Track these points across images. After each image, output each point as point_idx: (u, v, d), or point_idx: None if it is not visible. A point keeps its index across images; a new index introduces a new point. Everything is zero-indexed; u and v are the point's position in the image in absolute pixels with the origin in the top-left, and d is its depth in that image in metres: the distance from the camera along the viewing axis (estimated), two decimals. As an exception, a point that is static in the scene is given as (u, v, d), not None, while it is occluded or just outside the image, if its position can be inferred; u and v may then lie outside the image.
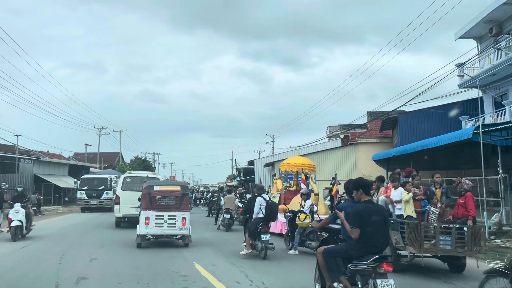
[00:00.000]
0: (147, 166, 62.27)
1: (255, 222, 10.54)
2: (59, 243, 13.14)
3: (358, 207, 5.32)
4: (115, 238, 14.37)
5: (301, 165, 16.82)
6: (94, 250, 11.60)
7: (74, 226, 19.12)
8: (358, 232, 5.12)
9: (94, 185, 30.21)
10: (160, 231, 11.95)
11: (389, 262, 5.08)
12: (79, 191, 30.47)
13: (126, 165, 56.41)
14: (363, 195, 5.39)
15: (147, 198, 12.08)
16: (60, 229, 17.41)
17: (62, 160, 46.18)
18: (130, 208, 16.67)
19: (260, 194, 11.00)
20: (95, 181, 30.93)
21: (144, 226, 11.81)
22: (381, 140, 30.25)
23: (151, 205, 12.00)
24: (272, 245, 10.32)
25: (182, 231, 11.98)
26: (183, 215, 11.98)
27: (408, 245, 8.14)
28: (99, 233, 16.26)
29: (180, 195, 12.20)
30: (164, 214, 11.91)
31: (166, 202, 12.11)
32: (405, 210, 8.80)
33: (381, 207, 6.07)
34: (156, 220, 11.86)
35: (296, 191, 17.45)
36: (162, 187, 12.53)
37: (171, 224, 11.91)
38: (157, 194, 12.10)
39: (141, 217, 12.02)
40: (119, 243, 12.90)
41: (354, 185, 5.59)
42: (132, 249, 11.69)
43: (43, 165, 39.65)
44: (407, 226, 8.14)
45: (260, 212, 10.63)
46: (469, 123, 21.48)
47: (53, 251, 11.47)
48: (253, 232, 10.44)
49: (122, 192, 17.40)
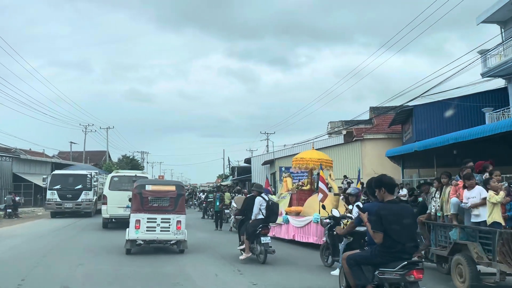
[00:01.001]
0: (135, 165, 59.95)
1: (254, 223, 9.84)
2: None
3: (380, 207, 4.80)
4: (101, 243, 13.24)
5: (318, 160, 14.30)
6: (78, 256, 10.58)
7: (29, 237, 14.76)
8: (381, 236, 4.66)
9: (69, 184, 23.88)
10: (152, 236, 10.82)
11: (419, 269, 4.62)
12: (49, 191, 23.62)
13: (114, 164, 53.94)
14: (386, 194, 4.87)
15: (138, 199, 10.92)
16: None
17: (44, 158, 43.49)
18: (118, 208, 16.46)
19: (260, 193, 10.23)
20: (71, 178, 24.46)
21: (134, 230, 10.68)
22: (389, 136, 28.32)
23: (142, 206, 10.86)
24: (272, 249, 9.59)
25: (177, 236, 10.87)
26: (178, 218, 10.89)
27: (497, 261, 6.28)
28: (83, 237, 14.99)
29: (175, 195, 11.07)
30: (157, 217, 10.80)
31: (159, 203, 11.00)
32: (491, 215, 6.63)
33: (407, 207, 5.30)
34: (147, 223, 10.74)
35: (311, 190, 15.22)
36: (155, 186, 11.31)
37: (165, 228, 10.80)
38: (149, 195, 10.96)
39: (131, 220, 10.85)
40: (105, 249, 11.77)
41: (376, 183, 5.02)
42: (120, 256, 10.61)
43: (23, 164, 37.39)
44: (498, 236, 6.14)
45: (260, 213, 9.92)
46: (494, 116, 19.43)
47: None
48: (252, 235, 9.76)
49: (109, 192, 17.08)
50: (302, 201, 14.59)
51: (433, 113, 21.71)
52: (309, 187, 15.29)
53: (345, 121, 37.20)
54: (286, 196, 15.22)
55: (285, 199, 15.16)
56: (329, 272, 8.41)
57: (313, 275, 8.57)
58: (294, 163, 15.02)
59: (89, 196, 23.88)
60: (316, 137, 35.53)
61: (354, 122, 34.13)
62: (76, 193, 23.61)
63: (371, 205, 5.24)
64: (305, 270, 9.10)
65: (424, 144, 17.20)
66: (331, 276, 7.94)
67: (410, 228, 4.82)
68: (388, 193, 4.87)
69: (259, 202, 10.00)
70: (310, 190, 15.15)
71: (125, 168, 52.85)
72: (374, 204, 5.12)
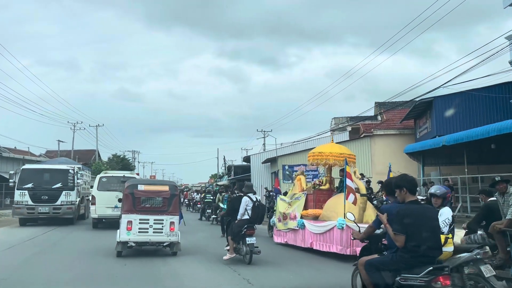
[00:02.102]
0: (126, 165, 58.27)
1: (239, 224, 9.79)
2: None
3: (401, 208, 4.57)
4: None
5: (339, 155, 12.20)
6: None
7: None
8: (403, 239, 4.39)
9: (45, 182, 18.69)
10: (145, 238, 10.49)
11: (446, 275, 4.31)
12: (18, 191, 18.30)
13: (103, 164, 52.12)
14: (407, 195, 4.65)
15: (129, 199, 10.53)
16: None
17: (29, 156, 41.15)
18: (106, 208, 16.46)
19: (247, 193, 10.09)
20: (47, 174, 19.15)
21: (126, 231, 10.32)
22: (401, 132, 26.42)
23: (134, 207, 10.52)
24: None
25: (170, 237, 10.59)
26: (172, 219, 10.60)
27: None
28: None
29: (168, 196, 10.74)
30: (150, 218, 10.49)
31: (152, 204, 10.70)
32: None
33: (430, 208, 5.12)
34: (140, 224, 10.43)
35: (330, 190, 13.16)
36: (147, 186, 10.94)
37: (158, 230, 10.50)
38: (141, 195, 10.61)
39: (122, 221, 10.49)
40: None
41: (397, 182, 4.76)
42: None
43: (5, 162, 35.29)
44: None
45: (246, 214, 9.86)
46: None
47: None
48: (237, 235, 9.74)
49: (98, 192, 17.16)
50: (320, 203, 12.54)
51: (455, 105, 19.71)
52: (328, 186, 13.22)
53: (350, 117, 35.38)
54: (300, 197, 13.09)
55: (299, 200, 13.03)
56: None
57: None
58: (311, 158, 12.86)
59: (72, 197, 18.62)
60: (318, 134, 33.53)
61: (360, 118, 32.37)
62: (54, 194, 18.31)
63: (391, 206, 4.99)
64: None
65: (455, 137, 15.18)
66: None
67: (434, 230, 4.61)
68: (410, 194, 4.67)
69: (245, 202, 9.92)
70: (329, 190, 13.12)
71: (115, 167, 51.73)
72: (394, 205, 4.88)
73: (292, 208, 12.79)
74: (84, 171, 22.78)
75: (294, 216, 12.51)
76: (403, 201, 4.68)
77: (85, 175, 22.70)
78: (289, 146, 32.87)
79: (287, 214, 12.88)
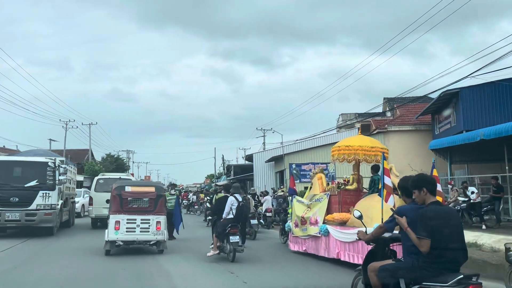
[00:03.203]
0: (120, 165, 56.54)
1: (224, 223, 10.19)
2: None
3: (426, 210, 4.13)
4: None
5: (370, 148, 10.37)
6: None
7: None
8: (429, 244, 3.97)
9: (15, 178, 14.19)
10: (132, 237, 10.96)
11: (476, 284, 3.90)
12: None
13: (97, 163, 50.29)
14: (428, 196, 4.23)
15: (117, 200, 11.05)
16: None
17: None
18: (102, 208, 16.55)
19: (234, 193, 10.57)
20: (17, 169, 14.53)
21: (114, 231, 10.79)
22: (417, 128, 24.70)
23: (121, 208, 11.03)
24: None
25: (157, 236, 11.06)
26: (158, 219, 11.08)
27: None
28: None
29: (154, 196, 11.26)
30: (137, 218, 10.95)
31: (139, 204, 11.18)
32: None
33: (453, 210, 4.95)
34: (127, 224, 10.88)
35: (358, 190, 11.16)
36: (134, 187, 11.50)
37: (144, 229, 10.95)
38: (128, 196, 11.12)
39: (110, 221, 10.90)
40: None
41: (416, 182, 4.32)
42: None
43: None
44: None
45: (231, 213, 10.23)
46: None
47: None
48: (221, 234, 10.15)
49: (95, 193, 17.88)
50: (347, 205, 10.65)
51: (485, 97, 17.80)
52: (355, 185, 11.18)
53: (358, 113, 33.66)
54: (322, 198, 11.06)
55: (320, 202, 11.01)
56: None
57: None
58: (336, 152, 10.78)
59: (51, 199, 14.33)
60: (323, 132, 32.18)
61: (369, 115, 31.09)
62: (27, 195, 14.04)
63: (409, 207, 4.48)
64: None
65: (495, 131, 13.15)
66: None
67: (460, 233, 4.17)
68: (430, 194, 4.26)
69: (230, 202, 10.28)
70: (357, 190, 11.12)
71: (109, 167, 50.18)
72: (412, 207, 4.42)
73: (313, 211, 10.99)
74: (69, 165, 18.42)
75: (315, 221, 10.76)
76: (422, 203, 4.29)
77: (70, 171, 18.25)
78: (292, 145, 31.71)
79: (306, 219, 11.12)
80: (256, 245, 13.17)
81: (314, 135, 31.96)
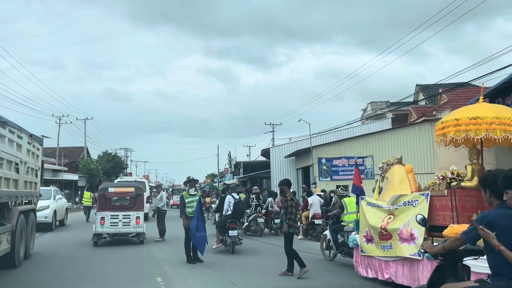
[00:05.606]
0: (118, 163, 56.65)
1: (223, 219, 11.78)
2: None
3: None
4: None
5: (509, 119, 6.58)
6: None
7: None
8: None
9: None
10: (115, 230, 12.96)
11: None
12: None
13: (93, 162, 48.59)
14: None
15: (102, 200, 13.10)
16: None
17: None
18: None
19: (231, 193, 12.35)
20: None
21: (100, 225, 12.78)
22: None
23: (106, 206, 13.04)
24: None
25: (137, 229, 13.07)
26: (137, 214, 13.01)
27: None
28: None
29: (134, 195, 13.27)
30: (119, 213, 12.91)
31: (121, 202, 13.27)
32: None
33: None
34: (111, 219, 12.83)
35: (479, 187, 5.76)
36: (116, 188, 13.63)
37: (126, 223, 12.92)
38: (112, 196, 13.26)
39: (96, 218, 12.98)
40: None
41: (506, 182, 3.31)
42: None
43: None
44: None
45: (229, 210, 11.82)
46: None
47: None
48: (222, 228, 11.56)
49: None
50: (466, 212, 6.68)
51: None
52: (476, 181, 6.83)
53: (391, 102, 31.07)
54: (417, 201, 7.23)
55: (415, 207, 7.23)
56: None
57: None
58: (452, 130, 6.87)
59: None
60: (347, 123, 28.35)
61: (403, 104, 28.35)
62: None
63: (499, 213, 3.39)
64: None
65: None
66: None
67: None
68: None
69: (228, 200, 12.04)
70: (480, 189, 5.16)
71: (106, 166, 50.94)
72: (505, 212, 3.39)
73: (402, 221, 7.32)
74: (31, 139, 10.51)
75: (409, 236, 7.06)
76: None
77: (29, 145, 10.33)
78: (316, 137, 27.22)
79: (391, 231, 7.42)
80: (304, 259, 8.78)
81: (337, 127, 27.92)
